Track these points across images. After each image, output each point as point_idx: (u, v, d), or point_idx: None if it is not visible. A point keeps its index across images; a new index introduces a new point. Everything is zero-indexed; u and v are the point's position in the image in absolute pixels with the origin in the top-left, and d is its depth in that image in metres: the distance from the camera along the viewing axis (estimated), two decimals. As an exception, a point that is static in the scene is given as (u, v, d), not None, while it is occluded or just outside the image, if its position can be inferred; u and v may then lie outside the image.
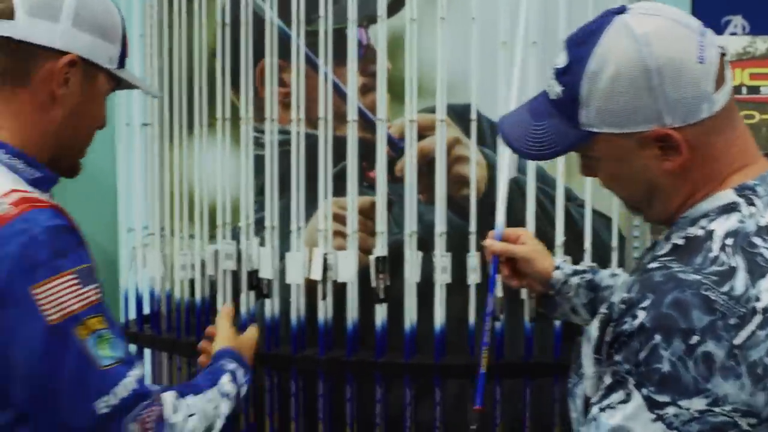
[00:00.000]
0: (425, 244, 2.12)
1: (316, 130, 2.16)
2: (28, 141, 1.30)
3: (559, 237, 2.06)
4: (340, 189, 2.16)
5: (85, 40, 1.31)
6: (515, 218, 2.04)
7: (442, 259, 2.08)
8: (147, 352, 2.41)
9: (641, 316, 1.15)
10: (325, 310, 2.14)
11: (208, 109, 2.29)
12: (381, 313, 2.10)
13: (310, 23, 2.18)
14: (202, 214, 2.29)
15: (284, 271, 2.16)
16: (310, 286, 2.16)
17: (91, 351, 1.13)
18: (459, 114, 2.14)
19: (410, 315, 2.09)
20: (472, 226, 2.08)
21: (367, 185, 2.18)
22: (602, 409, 1.17)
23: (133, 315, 2.43)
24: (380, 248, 2.11)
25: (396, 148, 2.16)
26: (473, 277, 2.08)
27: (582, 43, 1.26)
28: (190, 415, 1.31)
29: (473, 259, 2.08)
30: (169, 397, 1.30)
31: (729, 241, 1.18)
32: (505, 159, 1.92)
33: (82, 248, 1.20)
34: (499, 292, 2.04)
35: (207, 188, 2.30)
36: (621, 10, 1.28)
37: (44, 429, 1.16)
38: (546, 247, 1.88)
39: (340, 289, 2.15)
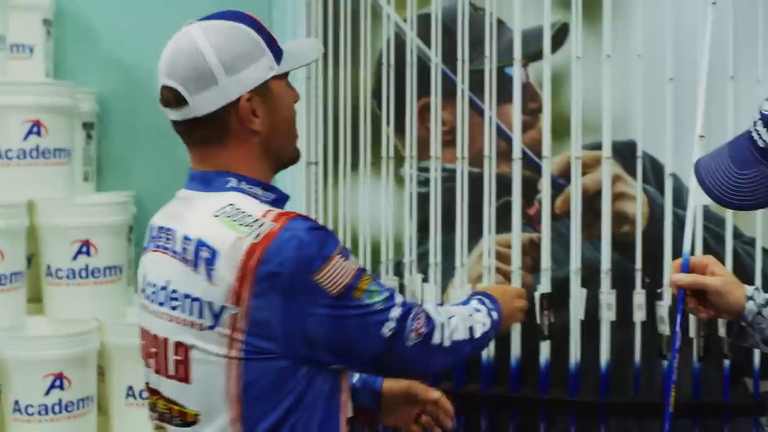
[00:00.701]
0: (585, 281, 2.11)
1: (476, 167, 2.19)
2: (252, 170, 1.45)
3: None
4: (498, 226, 2.17)
5: (244, 77, 1.42)
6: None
7: (607, 296, 2.07)
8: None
9: None
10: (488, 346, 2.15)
11: (371, 147, 2.35)
12: (545, 349, 2.10)
13: (471, 62, 2.22)
14: (365, 249, 2.34)
15: (448, 306, 2.18)
16: (474, 322, 2.17)
17: (367, 303, 1.39)
18: (619, 151, 2.13)
19: (575, 352, 2.09)
20: (638, 263, 2.07)
21: (525, 222, 2.19)
22: None
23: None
24: (545, 285, 2.11)
25: (556, 185, 2.17)
26: (639, 315, 2.06)
27: None
28: (450, 317, 1.52)
29: (639, 296, 2.06)
30: (429, 305, 1.53)
31: None
32: (693, 185, 1.89)
33: (332, 235, 1.42)
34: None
35: (371, 224, 2.34)
36: None
37: (348, 366, 1.45)
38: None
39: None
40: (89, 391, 2.76)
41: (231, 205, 1.41)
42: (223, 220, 1.40)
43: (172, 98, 1.42)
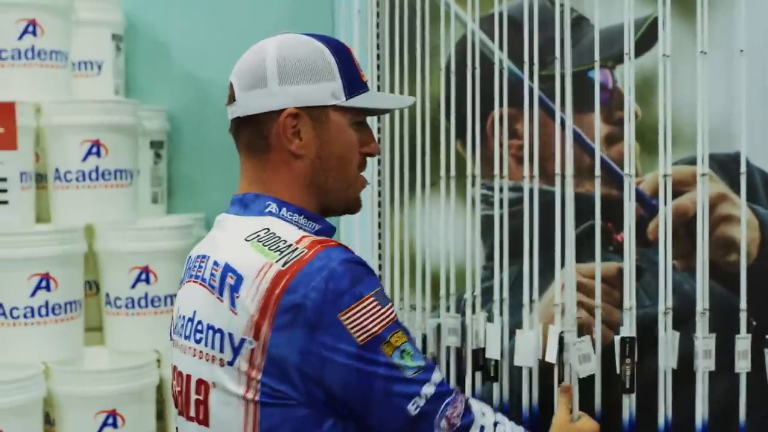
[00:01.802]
0: (682, 319, 1.78)
1: (553, 186, 1.89)
2: (296, 197, 1.40)
3: None
4: (580, 254, 1.87)
5: (296, 91, 1.37)
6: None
7: (704, 342, 1.73)
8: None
9: None
10: (562, 397, 1.84)
11: (431, 165, 2.08)
12: (628, 404, 1.78)
13: (545, 67, 1.93)
14: (424, 282, 2.08)
15: (514, 350, 1.89)
16: (545, 369, 1.87)
17: (397, 364, 1.26)
18: (723, 165, 1.80)
19: (665, 408, 1.76)
20: (743, 302, 1.72)
21: (611, 249, 1.88)
22: None
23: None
24: (627, 327, 1.79)
25: (647, 206, 1.86)
26: (743, 364, 1.71)
27: None
28: (497, 423, 1.38)
29: (743, 342, 1.71)
30: (475, 400, 1.40)
31: None
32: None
33: (372, 275, 1.32)
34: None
35: (430, 253, 2.08)
36: None
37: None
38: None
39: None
40: (147, 428, 2.61)
41: (266, 229, 1.35)
42: (254, 245, 1.33)
43: (229, 94, 1.42)
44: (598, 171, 1.85)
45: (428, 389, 1.28)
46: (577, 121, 1.91)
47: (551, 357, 1.83)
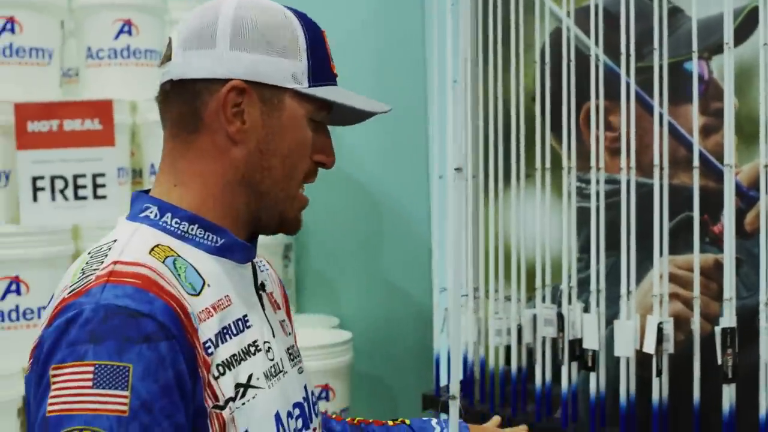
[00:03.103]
0: (781, 311, 1.77)
1: (649, 178, 1.89)
2: (208, 197, 1.13)
3: None
4: (674, 246, 1.87)
5: (248, 59, 1.11)
6: None
7: (805, 333, 1.72)
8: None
9: None
10: (659, 388, 1.84)
11: (525, 157, 2.10)
12: (729, 394, 1.77)
13: (641, 58, 1.93)
14: (519, 273, 2.09)
15: (611, 340, 1.89)
16: (643, 359, 1.87)
17: None
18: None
19: (766, 398, 1.74)
20: None
21: (707, 241, 1.87)
22: None
23: (444, 381, 2.26)
24: (728, 318, 1.78)
25: (745, 197, 1.85)
26: None
27: None
28: None
29: None
30: None
31: None
32: None
33: (132, 342, 0.99)
34: None
35: (525, 244, 2.09)
36: None
37: None
38: None
39: (676, 363, 1.85)
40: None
41: (113, 241, 1.09)
42: (81, 260, 1.09)
43: (165, 52, 1.16)
44: (696, 162, 1.84)
45: None
46: (672, 113, 1.91)
47: (649, 347, 1.83)
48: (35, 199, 2.60)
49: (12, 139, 2.58)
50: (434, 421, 1.51)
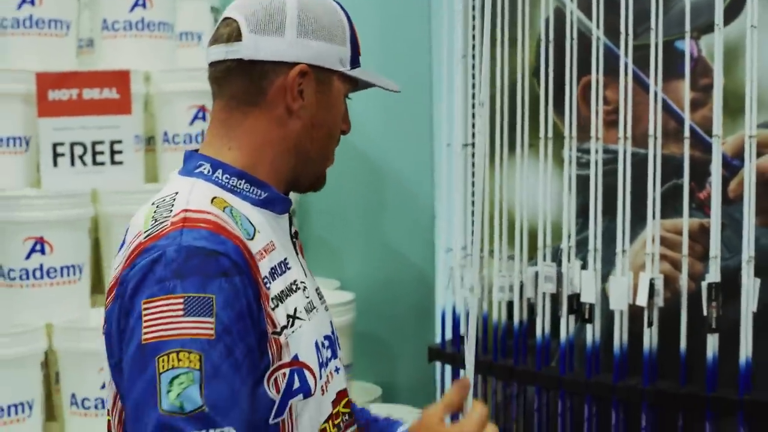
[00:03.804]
0: (761, 270, 1.94)
1: (642, 148, 2.06)
2: (260, 159, 1.26)
3: None
4: (663, 211, 2.04)
5: (312, 47, 1.25)
6: None
7: (782, 287, 1.90)
8: (461, 373, 2.40)
9: None
10: (650, 338, 2.02)
11: (529, 128, 2.26)
12: (713, 343, 1.96)
13: (637, 37, 2.09)
14: (522, 234, 2.25)
15: (607, 295, 2.07)
16: (635, 312, 2.05)
17: (158, 386, 1.07)
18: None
19: (746, 347, 1.93)
20: (819, 252, 1.88)
21: (694, 207, 2.05)
22: None
23: (449, 335, 2.43)
24: (713, 274, 1.96)
25: (729, 166, 2.02)
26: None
27: None
28: None
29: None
30: None
31: None
32: None
33: (210, 277, 1.12)
34: None
35: (528, 208, 2.26)
36: None
37: None
38: None
39: (665, 316, 2.03)
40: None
41: (175, 193, 1.21)
42: (149, 209, 1.21)
43: (227, 33, 1.25)
44: (687, 133, 2.01)
45: None
46: (663, 89, 2.07)
47: (642, 300, 2.01)
48: (55, 164, 2.72)
49: (33, 106, 2.68)
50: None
